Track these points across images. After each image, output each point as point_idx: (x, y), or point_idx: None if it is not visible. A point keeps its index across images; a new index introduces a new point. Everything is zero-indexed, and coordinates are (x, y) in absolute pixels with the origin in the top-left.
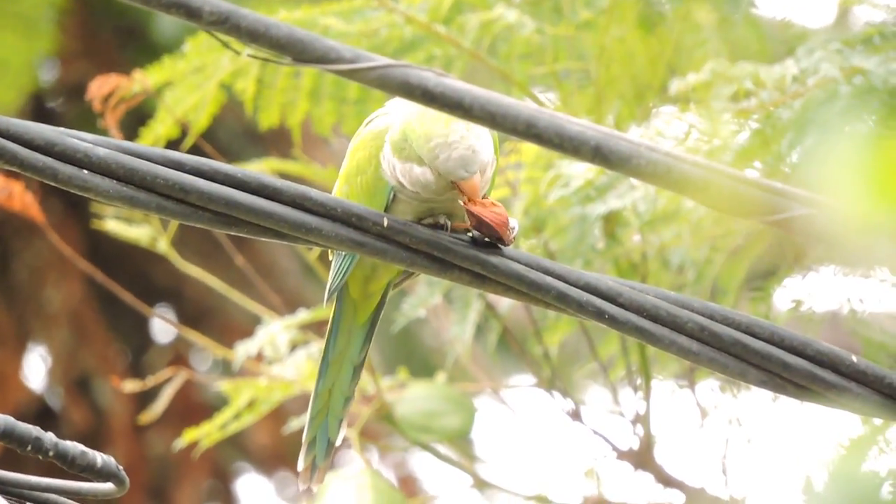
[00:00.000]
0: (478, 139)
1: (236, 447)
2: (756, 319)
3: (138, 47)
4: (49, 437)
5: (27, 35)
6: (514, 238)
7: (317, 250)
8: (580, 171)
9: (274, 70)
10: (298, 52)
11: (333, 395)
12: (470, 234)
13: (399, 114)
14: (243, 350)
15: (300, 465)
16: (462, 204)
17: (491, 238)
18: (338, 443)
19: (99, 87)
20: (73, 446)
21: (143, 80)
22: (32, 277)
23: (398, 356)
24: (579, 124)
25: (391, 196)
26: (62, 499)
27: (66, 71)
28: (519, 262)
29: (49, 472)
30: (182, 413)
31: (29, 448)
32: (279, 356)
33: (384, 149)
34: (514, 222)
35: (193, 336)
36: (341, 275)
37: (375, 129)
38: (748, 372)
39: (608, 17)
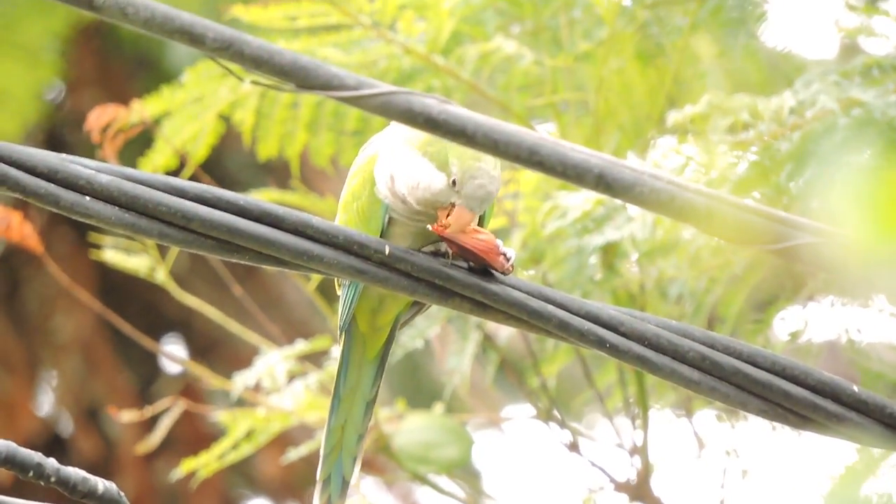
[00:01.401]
0: (497, 188)
1: (245, 477)
2: (757, 349)
3: (151, 76)
4: (51, 462)
5: (31, 65)
6: (511, 267)
7: (315, 281)
8: (577, 203)
9: (272, 101)
10: (302, 78)
11: (346, 431)
12: (469, 263)
13: (392, 139)
14: (241, 381)
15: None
16: (430, 228)
17: (480, 266)
18: (353, 481)
19: (97, 118)
20: (75, 472)
21: (141, 110)
22: (43, 307)
23: (398, 387)
24: (583, 152)
25: (387, 219)
26: None
27: (77, 100)
28: (520, 290)
29: (58, 499)
30: (191, 442)
31: (31, 474)
32: (277, 387)
33: (383, 162)
34: (511, 252)
35: (194, 367)
36: (348, 307)
37: (369, 155)
38: (749, 401)
39: (607, 48)
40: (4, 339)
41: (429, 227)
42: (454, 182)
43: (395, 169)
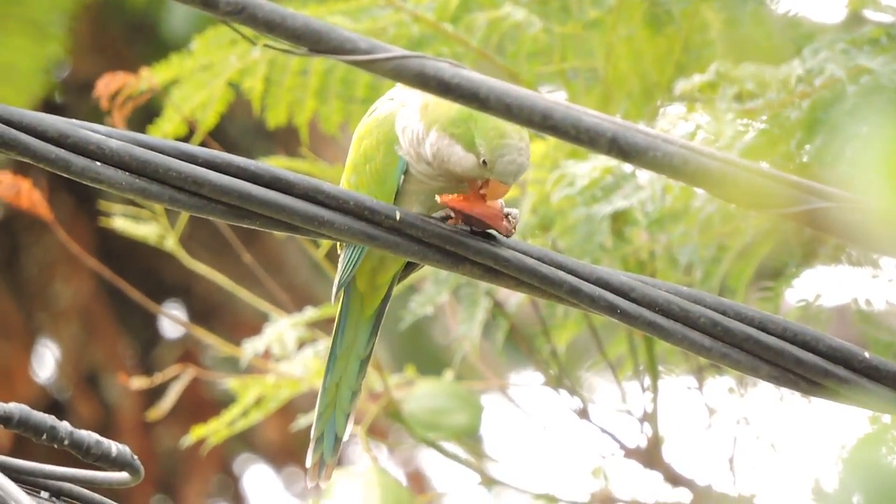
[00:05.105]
0: (528, 156)
1: (245, 442)
2: (768, 315)
3: (148, 43)
4: (64, 425)
5: (37, 39)
6: (514, 229)
7: (324, 247)
8: (585, 171)
9: (282, 68)
10: (314, 42)
11: (340, 389)
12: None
13: (411, 98)
14: (251, 348)
15: (308, 462)
16: (438, 201)
17: (482, 229)
18: (345, 438)
19: (106, 85)
20: (89, 435)
21: (150, 77)
22: (42, 273)
23: (408, 353)
24: (596, 116)
25: (402, 179)
26: (77, 487)
27: (75, 67)
28: (531, 255)
29: (61, 461)
30: (191, 408)
31: (44, 437)
32: (287, 354)
33: (408, 119)
34: (515, 212)
35: (201, 333)
36: (351, 266)
37: (381, 115)
38: (760, 367)
39: (616, 15)
40: (3, 305)
41: (437, 198)
42: (484, 162)
43: (427, 145)
